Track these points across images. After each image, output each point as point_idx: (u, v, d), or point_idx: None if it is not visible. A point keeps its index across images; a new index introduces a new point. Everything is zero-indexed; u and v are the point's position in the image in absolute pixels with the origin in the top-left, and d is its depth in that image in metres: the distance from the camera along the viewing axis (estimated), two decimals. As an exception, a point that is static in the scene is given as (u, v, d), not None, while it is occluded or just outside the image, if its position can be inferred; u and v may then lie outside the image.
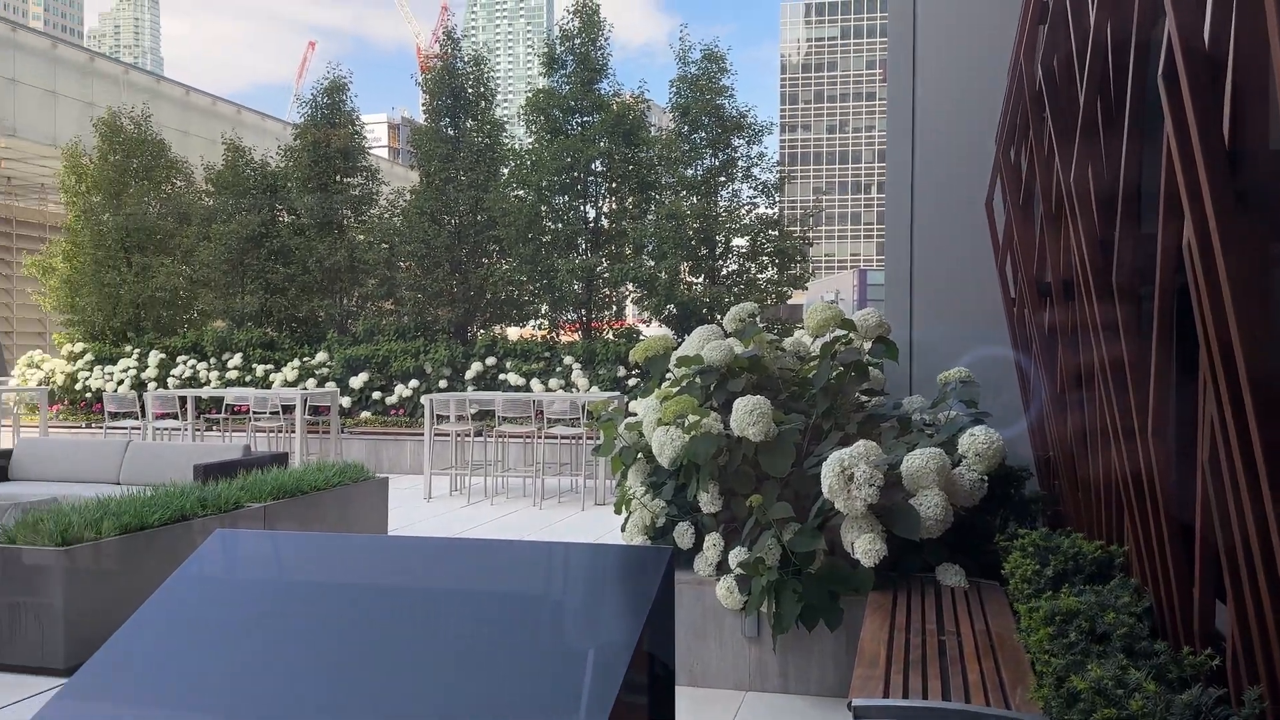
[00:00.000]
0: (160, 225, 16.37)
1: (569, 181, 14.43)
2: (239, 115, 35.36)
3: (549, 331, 15.12)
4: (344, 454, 13.01)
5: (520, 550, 2.13)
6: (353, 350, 14.56)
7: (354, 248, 15.77)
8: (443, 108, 15.26)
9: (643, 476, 5.20)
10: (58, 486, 7.65)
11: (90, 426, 14.87)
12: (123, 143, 16.52)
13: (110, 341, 16.07)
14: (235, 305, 15.95)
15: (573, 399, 10.95)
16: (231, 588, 1.93)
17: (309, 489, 6.72)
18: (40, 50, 28.56)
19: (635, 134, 14.57)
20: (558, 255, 14.47)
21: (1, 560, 4.90)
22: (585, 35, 14.51)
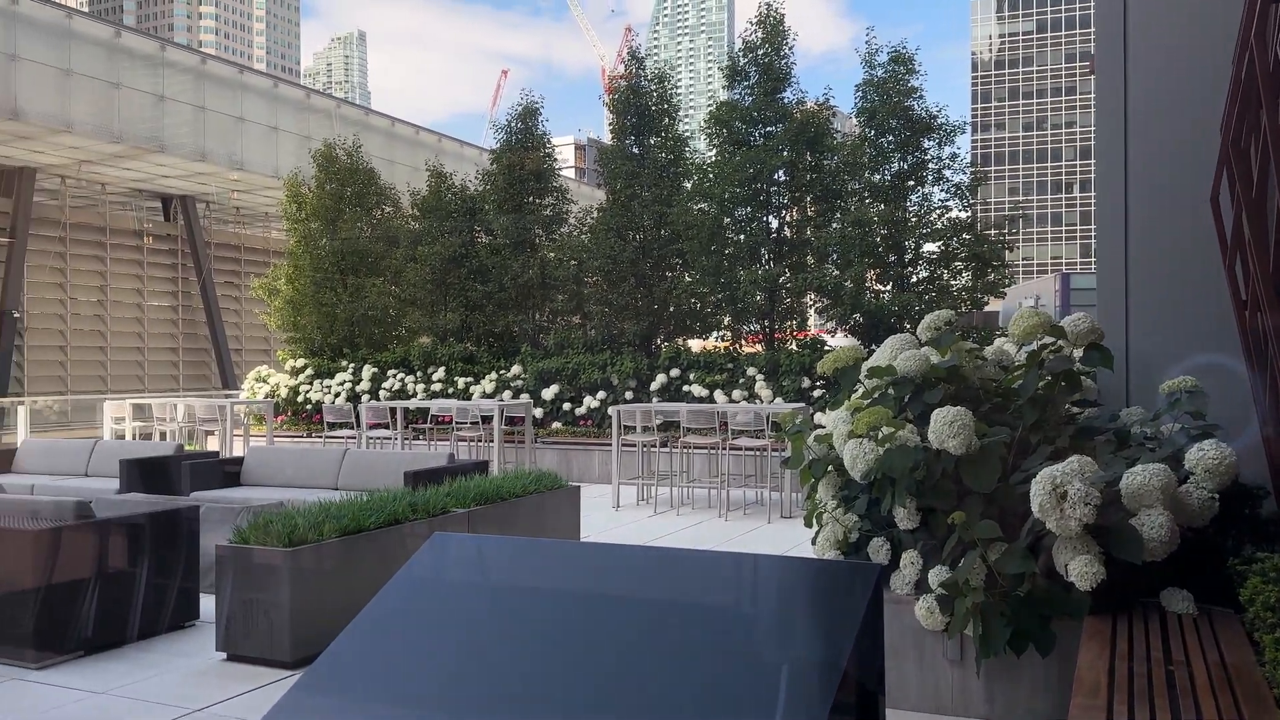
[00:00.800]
0: (371, 248, 17.53)
1: (751, 193, 14.40)
2: (439, 143, 37.42)
3: (732, 343, 15.12)
4: (537, 462, 13.47)
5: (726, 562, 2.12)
6: (544, 363, 15.06)
7: (545, 265, 16.35)
8: (628, 126, 15.60)
9: (834, 490, 5.09)
10: (283, 491, 8.31)
11: (311, 436, 16.07)
12: (337, 173, 17.82)
13: (328, 357, 17.33)
14: (439, 322, 16.86)
15: (757, 410, 10.89)
16: (448, 589, 2.03)
17: (508, 495, 7.00)
18: (263, 90, 31.26)
19: (819, 141, 14.38)
20: (740, 267, 14.46)
21: (235, 559, 5.35)
22: (769, 45, 14.46)
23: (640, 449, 11.99)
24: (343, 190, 17.79)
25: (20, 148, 25.77)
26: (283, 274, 17.98)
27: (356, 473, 8.65)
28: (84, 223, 30.98)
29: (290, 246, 18.16)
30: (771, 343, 14.67)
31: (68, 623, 5.38)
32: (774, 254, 14.61)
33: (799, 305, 14.84)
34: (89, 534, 5.57)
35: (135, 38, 28.22)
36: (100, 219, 31.54)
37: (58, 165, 27.98)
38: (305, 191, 17.90)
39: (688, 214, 14.67)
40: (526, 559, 2.22)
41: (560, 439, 14.31)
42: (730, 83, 14.83)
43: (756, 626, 1.91)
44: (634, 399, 14.23)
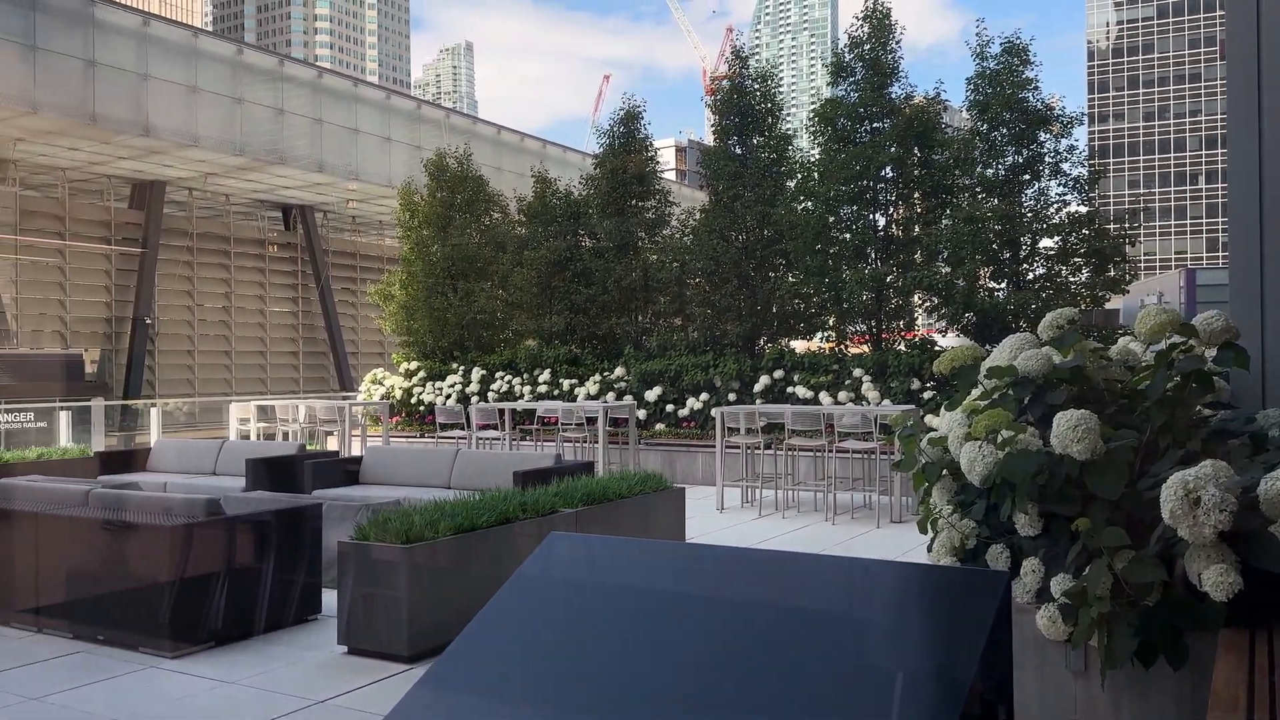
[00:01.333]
0: (480, 254, 17.93)
1: (857, 190, 14.17)
2: (544, 149, 38.06)
3: (837, 344, 14.90)
4: (641, 464, 13.54)
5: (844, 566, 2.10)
6: (647, 365, 15.13)
7: (648, 267, 16.43)
8: (730, 126, 15.54)
9: (949, 495, 4.96)
10: (400, 490, 8.57)
11: (423, 436, 16.52)
12: (448, 181, 18.29)
13: (439, 360, 17.80)
14: (544, 325, 17.13)
15: (864, 412, 10.71)
16: (565, 588, 2.06)
17: (614, 496, 7.06)
18: (376, 102, 32.30)
19: (928, 136, 14.05)
20: (846, 266, 14.24)
21: (356, 555, 5.54)
22: (875, 40, 14.20)
23: (744, 451, 11.92)
24: (453, 198, 18.24)
25: (151, 162, 27.27)
26: (397, 280, 18.54)
27: (468, 472, 8.85)
28: (210, 233, 32.57)
29: (404, 253, 18.72)
30: (879, 343, 14.40)
31: (199, 615, 5.66)
32: (881, 252, 14.34)
33: (907, 305, 14.53)
34: (219, 530, 5.85)
35: (256, 54, 29.54)
36: (225, 229, 33.12)
37: (185, 178, 29.51)
38: (418, 200, 18.43)
39: (792, 213, 14.52)
40: (640, 559, 2.23)
41: (663, 440, 14.35)
42: (835, 79, 14.62)
43: (876, 635, 1.87)
44: (737, 401, 14.16)
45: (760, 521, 10.54)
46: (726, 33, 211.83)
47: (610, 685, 1.84)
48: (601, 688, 1.82)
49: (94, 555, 5.95)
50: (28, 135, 24.14)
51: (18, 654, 5.67)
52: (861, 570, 2.17)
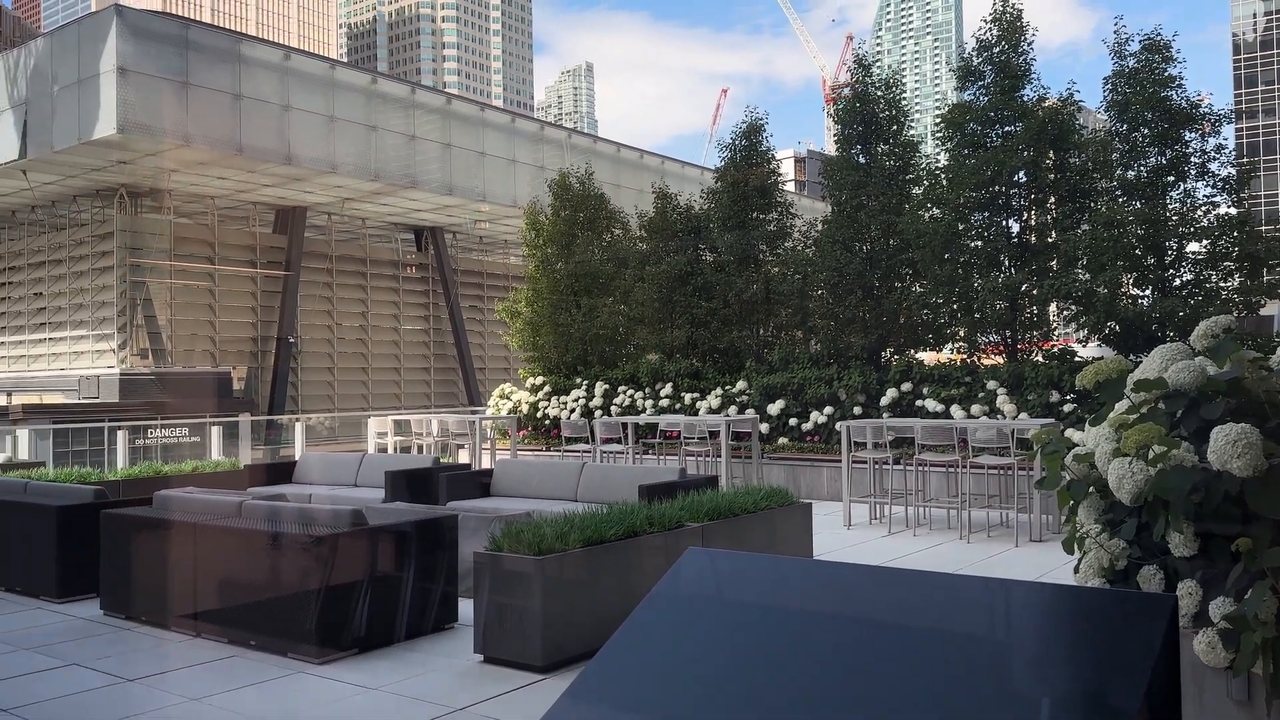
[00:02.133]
0: (602, 270, 18.18)
1: (989, 196, 13.73)
2: (662, 165, 38.35)
3: (969, 355, 14.44)
4: (765, 478, 13.43)
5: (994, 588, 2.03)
6: (769, 378, 15.01)
7: (769, 280, 16.32)
8: (854, 135, 15.31)
9: (1097, 513, 4.74)
10: (530, 502, 8.75)
11: (549, 449, 16.83)
12: (571, 200, 18.64)
13: (564, 374, 18.11)
14: (665, 339, 17.22)
15: (999, 426, 10.34)
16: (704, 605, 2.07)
17: (740, 511, 7.02)
18: (502, 125, 33.19)
19: (1064, 139, 13.51)
20: (977, 274, 13.80)
21: (491, 566, 5.68)
22: (1005, 42, 13.77)
23: (871, 466, 11.68)
24: (576, 216, 18.57)
25: (293, 189, 28.76)
26: (523, 297, 18.97)
27: (594, 485, 8.96)
28: (347, 255, 34.08)
29: (529, 271, 19.15)
30: (1014, 354, 13.89)
31: (344, 622, 5.91)
32: (1015, 260, 13.84)
33: (1044, 314, 13.97)
34: (362, 540, 6.10)
35: (389, 83, 30.82)
36: (361, 251, 34.59)
37: (324, 203, 30.99)
38: (542, 219, 18.84)
39: (918, 222, 14.18)
40: (778, 576, 2.22)
41: (787, 455, 14.19)
42: (963, 84, 14.23)
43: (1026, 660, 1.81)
44: (863, 414, 13.90)
45: (890, 539, 10.29)
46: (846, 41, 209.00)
47: (750, 704, 1.83)
48: (742, 706, 1.82)
49: (246, 564, 6.29)
50: (181, 166, 25.82)
51: (178, 657, 6.04)
52: (1009, 591, 2.10)
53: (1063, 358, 13.19)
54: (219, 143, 24.32)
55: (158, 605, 6.66)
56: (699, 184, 30.70)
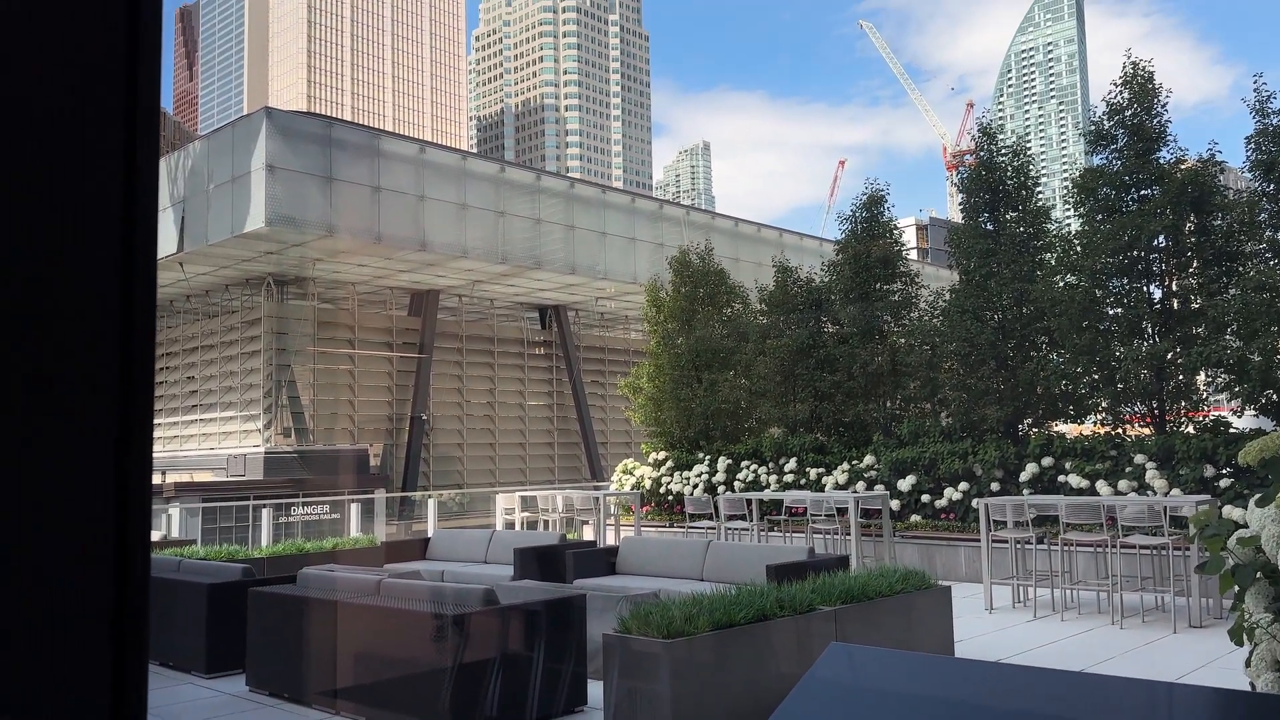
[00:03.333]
0: (723, 344, 18.22)
1: (1127, 262, 13.19)
2: (780, 238, 38.43)
3: (1113, 427, 13.73)
4: (897, 558, 12.98)
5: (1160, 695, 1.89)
6: (899, 453, 14.60)
7: (895, 351, 16.00)
8: (980, 203, 15.03)
9: (1266, 601, 4.39)
10: (655, 581, 8.69)
11: (673, 525, 16.74)
12: (691, 276, 18.84)
13: (686, 449, 18.08)
14: (788, 413, 17.02)
15: (1150, 503, 9.76)
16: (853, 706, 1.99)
17: (874, 595, 6.79)
18: (622, 205, 34.01)
19: (1205, 201, 12.91)
20: (1118, 343, 13.19)
21: (620, 648, 5.64)
22: (1138, 105, 13.36)
23: (1012, 546, 11.15)
24: (696, 291, 18.74)
25: (427, 273, 30.03)
26: (644, 373, 19.15)
27: (720, 564, 8.84)
28: (476, 334, 35.20)
29: (650, 347, 19.35)
30: (1162, 426, 13.14)
31: (476, 701, 5.94)
32: (1159, 327, 13.19)
33: (1193, 383, 13.21)
34: (494, 619, 6.16)
35: (516, 171, 32.07)
36: (489, 330, 35.69)
37: (455, 286, 32.22)
38: (663, 296, 19.07)
39: (1052, 289, 13.71)
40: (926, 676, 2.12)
41: (921, 533, 13.70)
42: (1094, 148, 13.83)
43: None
44: (1001, 490, 13.33)
45: (1036, 624, 9.75)
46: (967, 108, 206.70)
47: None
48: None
49: (383, 641, 6.43)
50: (324, 255, 27.35)
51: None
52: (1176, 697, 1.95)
53: (1216, 429, 12.40)
54: (359, 232, 25.70)
55: (298, 682, 6.86)
56: (818, 256, 30.56)
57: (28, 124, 0.79)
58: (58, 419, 0.79)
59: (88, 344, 0.81)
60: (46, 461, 0.78)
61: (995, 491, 13.29)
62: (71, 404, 0.80)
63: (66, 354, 0.80)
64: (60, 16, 0.81)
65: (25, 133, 0.79)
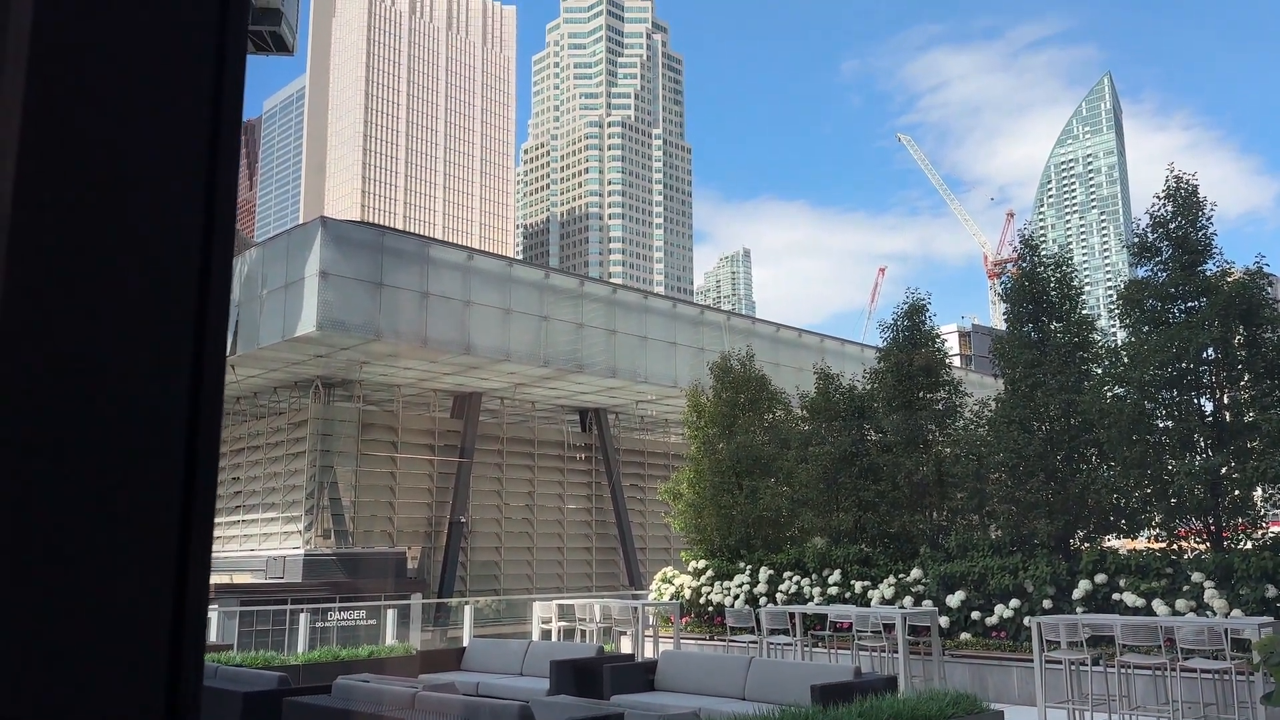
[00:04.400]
0: (765, 451, 18.08)
1: (1176, 374, 12.99)
2: (821, 344, 38.48)
3: (1168, 543, 13.30)
4: (947, 678, 12.51)
5: None
6: (946, 566, 14.23)
7: (940, 461, 15.76)
8: (1024, 313, 14.98)
9: (1344, 739, 4.16)
10: (695, 699, 8.44)
11: (713, 638, 16.33)
12: (732, 381, 18.87)
13: (727, 558, 17.78)
14: (832, 523, 16.73)
15: (1210, 625, 9.38)
16: None
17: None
18: (663, 310, 34.40)
19: (1254, 313, 12.76)
20: (1170, 456, 12.89)
21: (659, 770, 5.46)
22: (1183, 217, 13.37)
23: (1067, 667, 10.71)
24: (737, 397, 18.73)
25: (471, 376, 30.40)
26: (684, 478, 19.01)
27: (762, 682, 8.58)
28: (517, 437, 35.33)
29: (691, 452, 19.26)
30: (1219, 543, 12.71)
31: (510, 822, 5.75)
32: (1212, 441, 12.89)
33: (1249, 498, 12.82)
34: (529, 736, 6.00)
35: (560, 277, 32.72)
36: (530, 433, 35.82)
37: (498, 389, 32.53)
38: (704, 401, 19.08)
39: (1101, 400, 13.51)
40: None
41: (971, 653, 13.22)
42: (1138, 260, 13.81)
43: None
44: (1053, 608, 12.88)
45: (1093, 751, 9.29)
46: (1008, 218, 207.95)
47: None
48: None
49: (417, 755, 6.28)
50: (372, 358, 27.85)
51: None
52: None
53: (1276, 548, 11.96)
54: (407, 336, 26.20)
55: (330, 796, 6.70)
56: (859, 362, 30.51)
57: (110, 235, 0.83)
58: (119, 522, 0.81)
59: (153, 449, 0.84)
60: (106, 566, 0.80)
61: (1048, 609, 12.84)
62: (133, 507, 0.82)
63: (132, 459, 0.82)
64: (147, 130, 0.87)
65: (108, 240, 0.83)
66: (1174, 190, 13.57)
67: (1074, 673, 10.72)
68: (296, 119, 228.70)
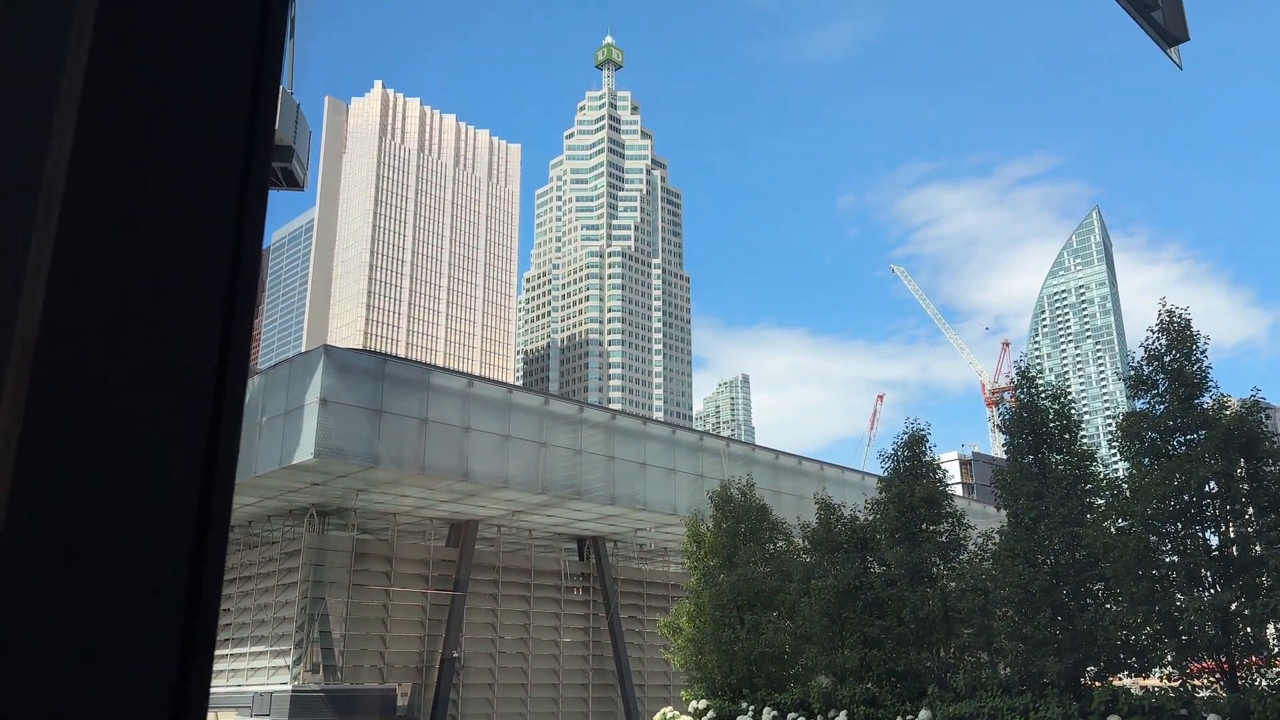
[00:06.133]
0: (766, 583, 17.78)
1: (1179, 507, 12.91)
2: (821, 471, 38.25)
3: (1180, 680, 12.93)
4: (959, 827, 11.94)
5: None
6: (955, 707, 13.79)
7: (946, 596, 15.48)
8: (1024, 445, 14.99)
9: None
10: None
11: (713, 783, 15.65)
12: (732, 510, 18.71)
13: (728, 698, 17.22)
14: (836, 660, 16.30)
15: (1234, 772, 9.00)
16: None
17: None
18: (662, 437, 34.35)
19: (1254, 446, 12.77)
20: (1177, 591, 12.68)
21: None
22: (1177, 351, 13.53)
23: (1085, 816, 10.24)
24: (737, 527, 18.54)
25: (468, 503, 30.09)
26: (684, 612, 18.62)
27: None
28: (513, 566, 34.71)
29: (691, 584, 18.94)
30: (1233, 681, 12.36)
31: None
32: (1219, 576, 12.70)
33: (1261, 635, 12.54)
34: None
35: (559, 403, 32.80)
36: (526, 562, 35.20)
37: (494, 516, 32.15)
38: (704, 530, 18.87)
39: (1105, 534, 13.38)
40: None
41: (984, 798, 12.66)
42: (1135, 393, 13.91)
43: None
44: (1067, 751, 12.41)
45: None
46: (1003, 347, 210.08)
47: None
48: None
49: None
50: (368, 486, 27.64)
51: None
52: None
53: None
54: (404, 462, 26.08)
55: None
56: (860, 490, 30.22)
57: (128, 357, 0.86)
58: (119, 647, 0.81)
59: (156, 578, 0.84)
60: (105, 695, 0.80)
61: (1061, 753, 12.37)
62: (132, 644, 0.82)
63: (133, 588, 0.83)
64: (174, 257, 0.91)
65: (123, 364, 0.86)
66: (1167, 324, 13.78)
67: (1092, 823, 10.24)
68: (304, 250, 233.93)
